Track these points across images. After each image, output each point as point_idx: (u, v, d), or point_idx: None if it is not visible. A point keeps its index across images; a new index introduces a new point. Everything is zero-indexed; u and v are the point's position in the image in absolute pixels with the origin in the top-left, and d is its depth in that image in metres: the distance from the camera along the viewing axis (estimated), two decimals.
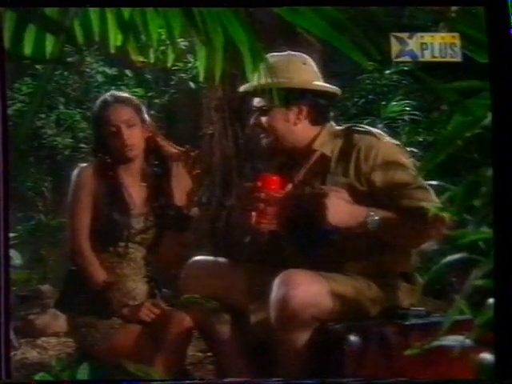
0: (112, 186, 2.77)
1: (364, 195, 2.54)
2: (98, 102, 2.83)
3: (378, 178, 2.54)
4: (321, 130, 2.66)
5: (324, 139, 2.65)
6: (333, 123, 2.69)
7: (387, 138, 2.63)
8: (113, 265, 2.75)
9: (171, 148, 2.84)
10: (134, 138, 2.77)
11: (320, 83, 2.67)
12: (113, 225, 2.73)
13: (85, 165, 2.81)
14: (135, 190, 2.79)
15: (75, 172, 2.79)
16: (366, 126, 2.72)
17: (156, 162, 2.83)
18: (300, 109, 2.64)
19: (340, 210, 2.46)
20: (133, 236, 2.75)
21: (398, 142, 2.67)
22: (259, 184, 2.59)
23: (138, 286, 2.76)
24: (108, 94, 2.86)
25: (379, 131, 2.68)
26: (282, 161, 2.73)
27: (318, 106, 2.66)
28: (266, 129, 2.67)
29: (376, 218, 2.46)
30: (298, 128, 2.65)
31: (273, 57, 2.63)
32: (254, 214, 2.58)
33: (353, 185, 2.56)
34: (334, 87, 2.69)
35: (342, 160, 2.61)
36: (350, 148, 2.61)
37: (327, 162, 2.63)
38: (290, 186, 2.63)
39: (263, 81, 2.54)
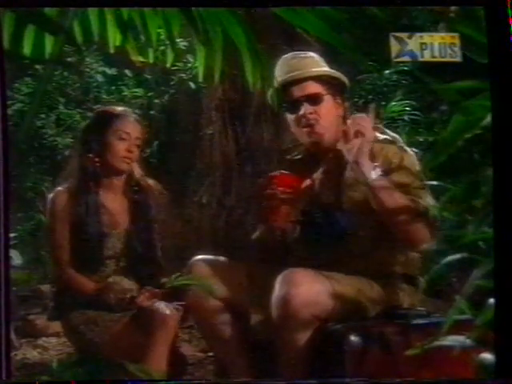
0: (91, 203, 2.75)
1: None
2: (116, 108, 2.84)
3: (388, 181, 2.55)
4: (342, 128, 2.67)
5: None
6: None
7: (400, 144, 2.65)
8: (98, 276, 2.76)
9: (151, 183, 2.85)
10: (134, 155, 2.77)
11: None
12: (94, 246, 2.73)
13: (60, 188, 2.79)
14: (115, 206, 2.79)
15: (50, 196, 2.79)
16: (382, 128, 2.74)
17: (135, 188, 2.83)
18: (339, 99, 2.66)
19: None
20: (115, 254, 2.75)
21: (409, 149, 2.67)
22: (274, 181, 2.57)
23: (124, 281, 2.76)
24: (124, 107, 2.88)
25: (394, 135, 2.69)
26: (302, 155, 2.72)
27: (346, 100, 2.68)
28: (317, 118, 2.64)
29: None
30: (340, 119, 2.66)
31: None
32: (267, 211, 2.58)
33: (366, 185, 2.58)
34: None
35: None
36: None
37: (345, 159, 2.63)
38: (305, 184, 2.62)
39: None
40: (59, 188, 2.80)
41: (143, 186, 2.83)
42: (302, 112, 2.63)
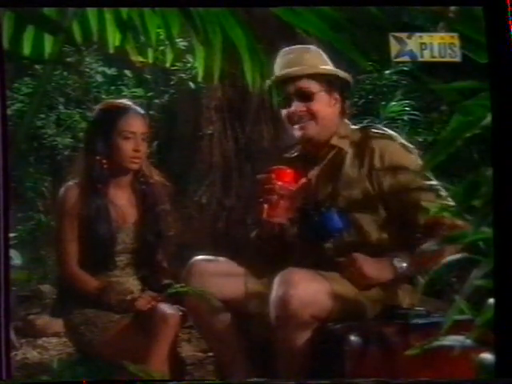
0: (100, 202, 2.73)
1: (372, 196, 2.56)
2: (117, 103, 2.82)
3: (387, 179, 2.55)
4: (339, 126, 2.67)
5: (341, 135, 2.66)
6: (346, 120, 2.70)
7: (401, 141, 2.64)
8: (105, 274, 2.76)
9: (155, 175, 2.84)
10: (141, 153, 2.76)
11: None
12: (103, 242, 2.72)
13: (70, 183, 2.78)
14: (124, 202, 2.79)
15: (61, 191, 2.77)
16: (382, 127, 2.73)
17: (142, 180, 2.82)
18: (338, 96, 2.65)
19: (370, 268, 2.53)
20: (123, 249, 2.75)
21: (410, 145, 2.67)
22: (273, 176, 2.57)
23: (130, 281, 2.76)
24: (125, 100, 2.85)
25: (394, 133, 2.69)
26: (299, 153, 2.71)
27: (347, 97, 2.68)
28: (310, 114, 2.62)
29: (403, 264, 2.53)
30: (336, 116, 2.66)
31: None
32: (266, 206, 2.57)
33: (363, 185, 2.58)
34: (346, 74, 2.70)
35: (357, 158, 2.62)
36: (365, 147, 2.62)
37: (343, 156, 2.63)
38: (303, 180, 2.62)
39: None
40: (69, 183, 2.78)
41: (150, 179, 2.81)
42: (292, 109, 2.63)
